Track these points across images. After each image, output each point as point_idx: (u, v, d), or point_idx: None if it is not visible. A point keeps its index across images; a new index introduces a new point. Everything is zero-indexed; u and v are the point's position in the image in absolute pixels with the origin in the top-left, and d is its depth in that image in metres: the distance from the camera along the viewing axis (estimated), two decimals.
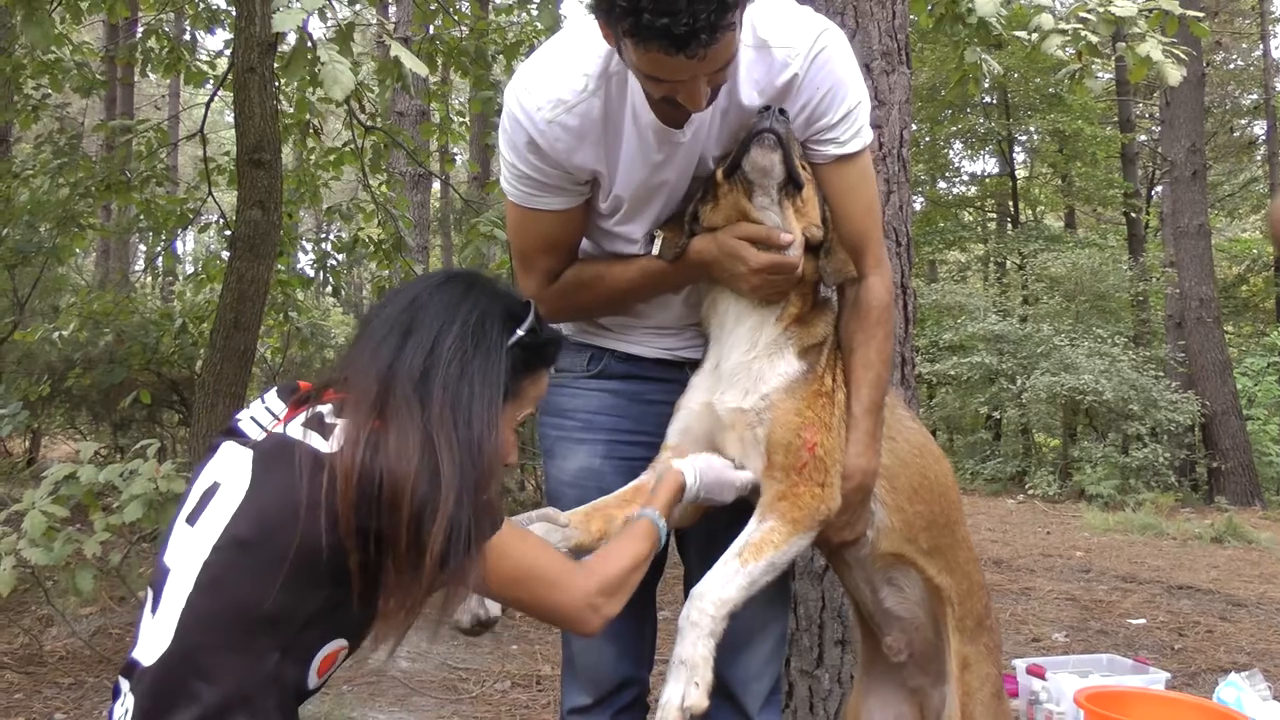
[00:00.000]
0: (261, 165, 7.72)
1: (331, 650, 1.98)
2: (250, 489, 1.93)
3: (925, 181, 27.39)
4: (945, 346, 20.80)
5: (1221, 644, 7.04)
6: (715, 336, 2.53)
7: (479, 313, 2.07)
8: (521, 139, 2.38)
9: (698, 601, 2.32)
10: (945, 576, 2.63)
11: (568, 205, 2.48)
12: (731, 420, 2.44)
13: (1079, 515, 14.91)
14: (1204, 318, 17.79)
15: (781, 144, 2.28)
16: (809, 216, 2.41)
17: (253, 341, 8.29)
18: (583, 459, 2.69)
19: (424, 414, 1.93)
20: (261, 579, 1.86)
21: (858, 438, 2.48)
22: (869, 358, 2.50)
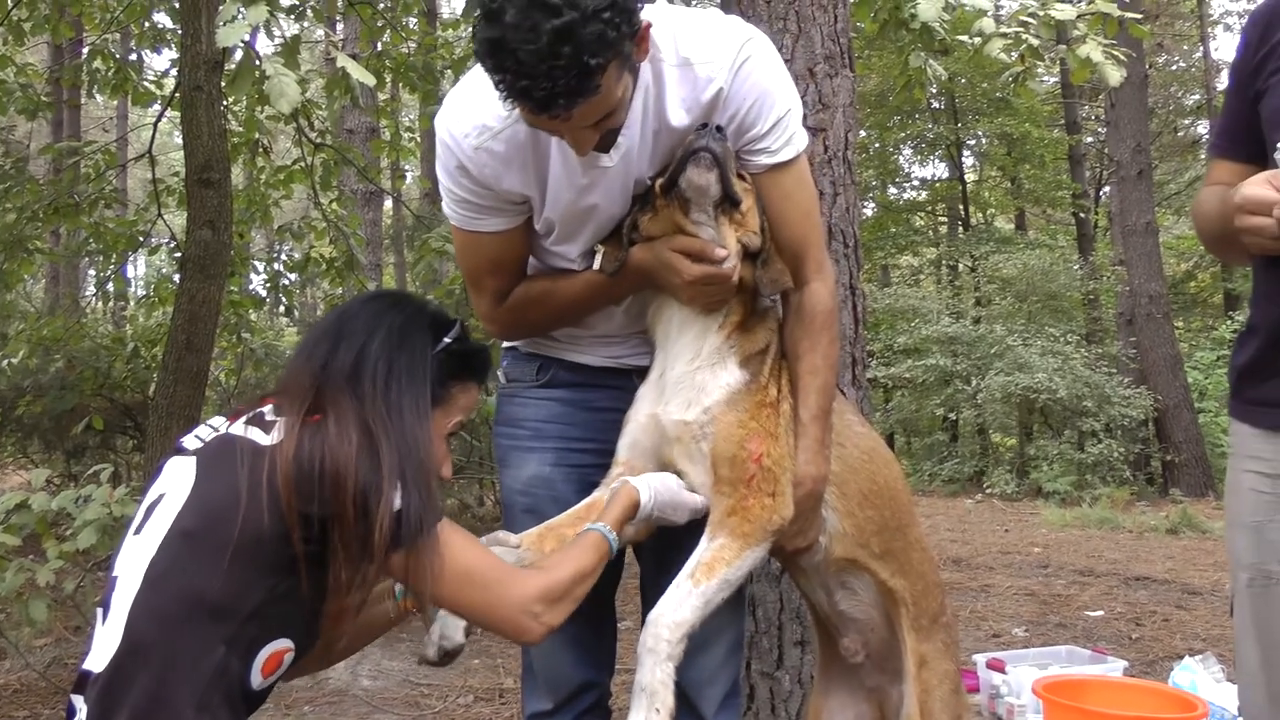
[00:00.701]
0: (210, 185, 7.66)
1: (277, 650, 1.99)
2: (195, 486, 1.97)
3: (876, 187, 27.55)
4: (900, 350, 20.89)
5: (1178, 631, 7.12)
6: (660, 344, 2.52)
7: (404, 319, 2.18)
8: (453, 165, 2.40)
9: (653, 628, 2.31)
10: (899, 579, 2.64)
11: (508, 226, 2.49)
12: (676, 433, 2.42)
13: (1036, 512, 15.02)
14: (1154, 314, 17.99)
15: (718, 162, 2.27)
16: (747, 226, 2.41)
17: (206, 363, 8.20)
18: (534, 467, 2.69)
19: (358, 405, 2.01)
20: (206, 565, 1.89)
21: (806, 445, 2.46)
22: (815, 364, 2.49)
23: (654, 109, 2.36)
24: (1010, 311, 21.90)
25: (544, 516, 2.63)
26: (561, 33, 1.95)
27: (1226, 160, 2.42)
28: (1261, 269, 2.31)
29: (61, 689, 5.62)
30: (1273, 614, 2.30)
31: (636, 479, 2.39)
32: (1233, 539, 2.42)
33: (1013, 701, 5.06)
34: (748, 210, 2.39)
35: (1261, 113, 2.26)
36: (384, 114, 10.75)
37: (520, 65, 1.98)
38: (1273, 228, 2.06)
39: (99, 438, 11.28)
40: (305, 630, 2.05)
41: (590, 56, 1.99)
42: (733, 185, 2.31)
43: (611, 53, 2.03)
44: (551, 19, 1.94)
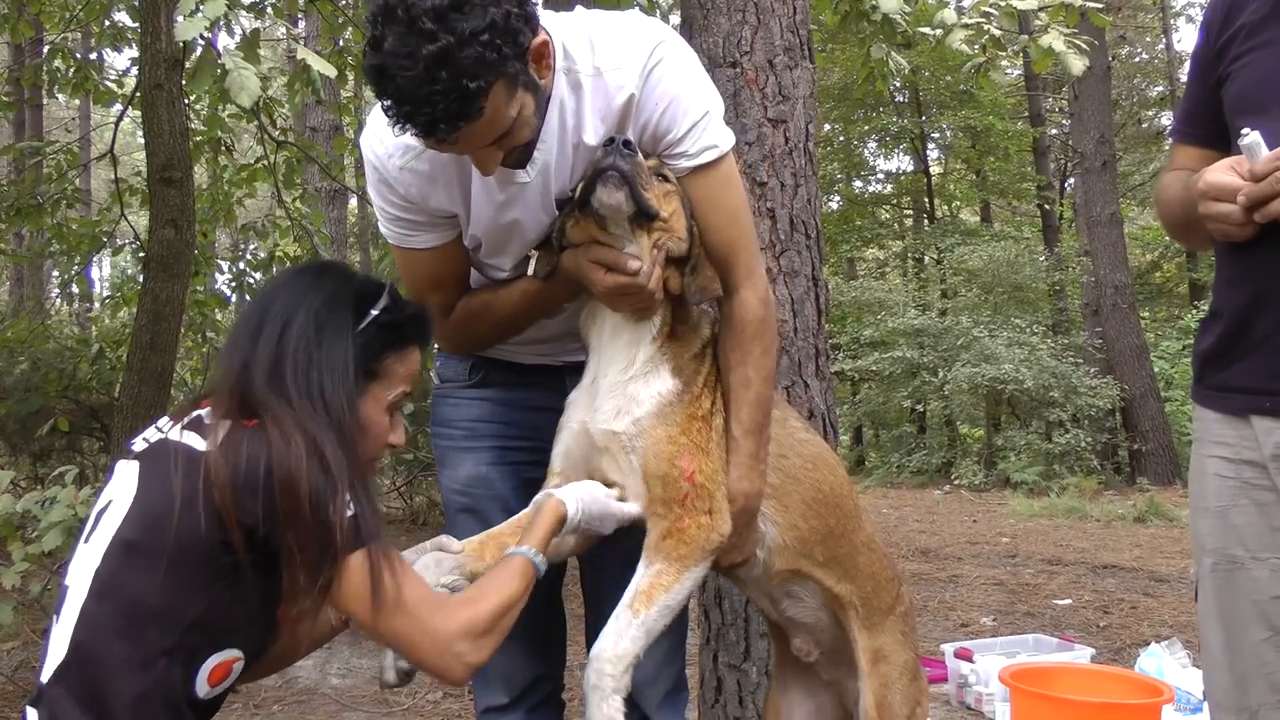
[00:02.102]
0: (173, 183, 7.61)
1: (223, 660, 1.98)
2: (136, 493, 1.95)
3: (841, 180, 27.62)
4: (866, 343, 20.98)
5: (1145, 619, 7.17)
6: (593, 349, 2.48)
7: (325, 297, 2.09)
8: (382, 184, 2.40)
9: (595, 664, 2.28)
10: (845, 584, 2.61)
11: (441, 241, 2.48)
12: (604, 443, 2.38)
13: (1005, 503, 15.10)
14: (1119, 304, 18.09)
15: (626, 180, 2.22)
16: (672, 231, 2.34)
17: (170, 363, 8.16)
18: (470, 467, 2.69)
19: (287, 406, 1.96)
20: (145, 575, 1.87)
21: (739, 460, 2.41)
22: (746, 376, 2.42)
23: (572, 123, 2.34)
24: (976, 303, 21.99)
25: (483, 515, 2.64)
26: (438, 58, 1.95)
27: (1189, 145, 2.43)
28: (1224, 255, 2.31)
29: (28, 692, 5.55)
30: (1236, 598, 2.31)
31: (562, 490, 2.33)
32: (1197, 524, 2.42)
33: (981, 690, 5.09)
34: (671, 215, 2.33)
35: (1224, 98, 2.27)
36: (346, 110, 10.70)
37: (401, 92, 1.99)
38: (1236, 214, 2.07)
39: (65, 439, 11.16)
40: (255, 638, 2.04)
41: (469, 80, 1.99)
42: (645, 199, 2.25)
43: (493, 75, 2.03)
44: (427, 44, 1.95)
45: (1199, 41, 2.38)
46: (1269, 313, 2.18)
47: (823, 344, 3.88)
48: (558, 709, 2.85)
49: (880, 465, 21.73)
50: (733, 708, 3.76)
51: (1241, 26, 2.23)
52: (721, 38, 3.80)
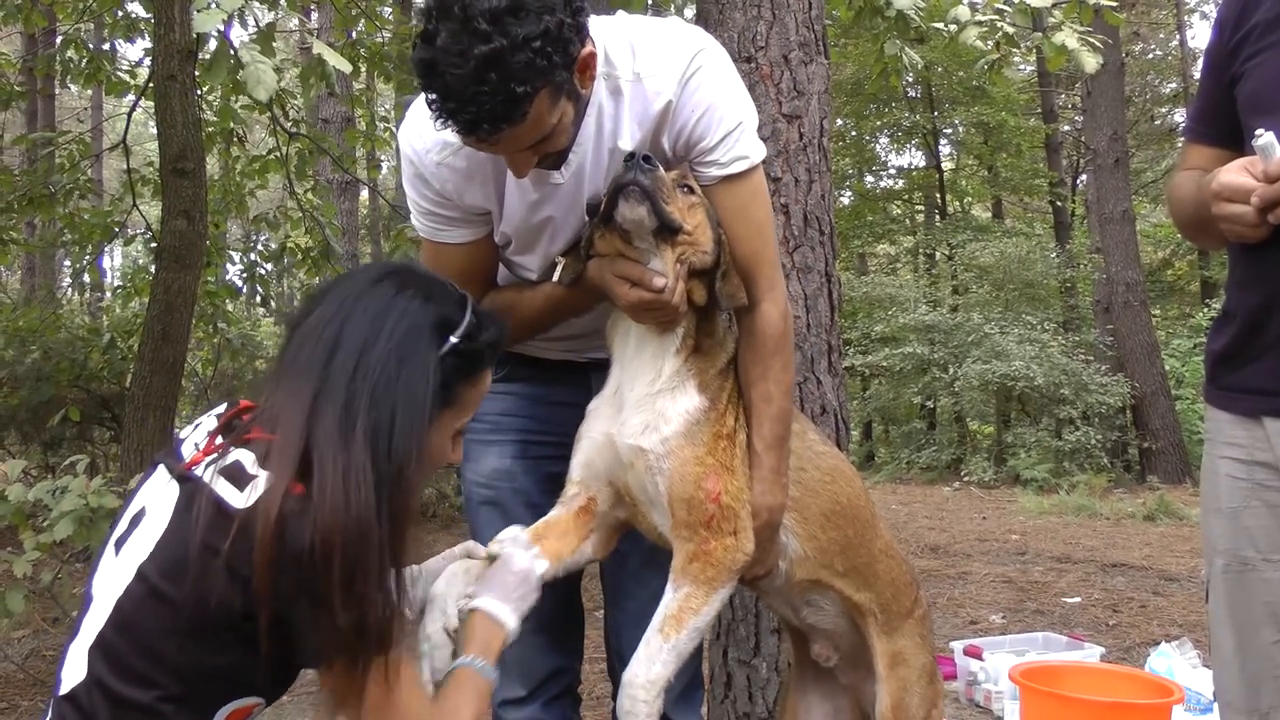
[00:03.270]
0: (185, 174, 7.64)
1: (242, 706, 1.92)
2: (167, 530, 1.85)
3: (853, 175, 27.58)
4: (877, 338, 20.94)
5: (1154, 618, 7.14)
6: (617, 359, 2.47)
7: (407, 324, 1.93)
8: (418, 179, 2.40)
9: (629, 690, 2.28)
10: (864, 592, 2.61)
11: (473, 237, 2.48)
12: (630, 459, 2.36)
13: (1014, 499, 15.07)
14: (1131, 301, 18.04)
15: (648, 195, 2.20)
16: (697, 244, 2.32)
17: (182, 353, 8.19)
18: (494, 460, 2.69)
19: (348, 454, 1.79)
20: (164, 623, 1.79)
21: (762, 475, 2.41)
22: (768, 391, 2.42)
23: (610, 128, 2.35)
24: (987, 299, 21.96)
25: (505, 508, 2.65)
26: (489, 59, 1.96)
27: (1202, 144, 2.42)
28: (1238, 255, 2.30)
29: (39, 680, 5.59)
30: (1248, 599, 2.31)
31: (483, 605, 2.19)
32: (1208, 525, 2.42)
33: (990, 688, 5.09)
34: (696, 227, 2.32)
35: (1237, 97, 2.26)
36: (358, 103, 10.71)
37: (448, 89, 2.00)
38: (1249, 215, 2.07)
39: (76, 429, 11.23)
40: (276, 688, 1.97)
41: (517, 84, 1.99)
42: (667, 213, 2.24)
43: (541, 81, 2.03)
44: (480, 45, 1.95)
45: (1212, 39, 2.37)
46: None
47: (835, 340, 3.87)
48: (574, 701, 2.86)
49: (890, 461, 21.73)
50: (742, 703, 3.76)
51: (1255, 25, 2.22)
52: (736, 33, 3.79)
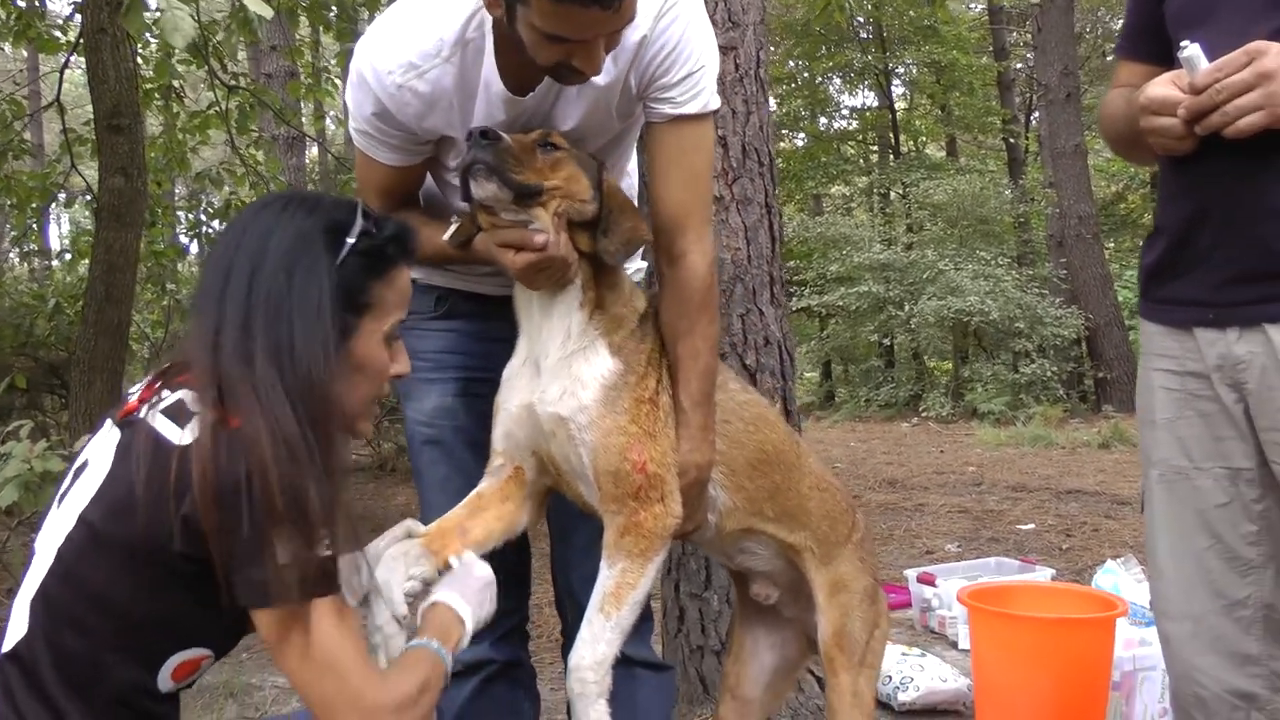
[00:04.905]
0: (121, 130, 7.52)
1: (190, 658, 1.89)
2: (109, 474, 1.81)
3: (806, 117, 27.56)
4: (833, 278, 20.98)
5: (1106, 540, 7.23)
6: (525, 324, 2.42)
7: (292, 237, 1.88)
8: (368, 99, 2.34)
9: (577, 674, 2.28)
10: (798, 533, 2.61)
11: (404, 163, 2.45)
12: (552, 427, 2.33)
13: (971, 433, 15.19)
14: (1084, 235, 18.17)
15: (494, 170, 2.18)
16: (572, 195, 2.29)
17: (127, 314, 8.09)
18: (435, 398, 2.66)
19: (253, 377, 1.76)
20: (107, 569, 1.76)
21: (690, 433, 2.39)
22: (695, 346, 2.40)
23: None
24: (941, 237, 22.02)
25: (448, 447, 2.63)
26: None
27: (1132, 61, 2.42)
28: (1167, 169, 2.31)
29: None
30: (1182, 508, 2.33)
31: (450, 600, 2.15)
32: (1144, 437, 2.44)
33: (944, 614, 5.14)
34: (567, 179, 2.28)
35: (1166, 12, 2.26)
36: (298, 54, 10.54)
37: None
38: (1177, 128, 2.07)
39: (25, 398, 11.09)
40: (226, 638, 1.94)
41: None
42: (517, 181, 2.20)
43: None
44: None
45: None
46: (1211, 225, 2.19)
47: (777, 271, 3.87)
48: (523, 640, 2.86)
49: (849, 400, 21.84)
50: (695, 636, 3.79)
51: None
52: None
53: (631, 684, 2.66)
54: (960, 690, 4.17)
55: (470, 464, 2.54)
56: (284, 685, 4.94)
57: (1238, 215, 2.13)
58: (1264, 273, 2.11)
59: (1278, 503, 2.23)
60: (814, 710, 3.73)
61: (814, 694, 3.73)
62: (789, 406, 3.82)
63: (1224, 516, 2.28)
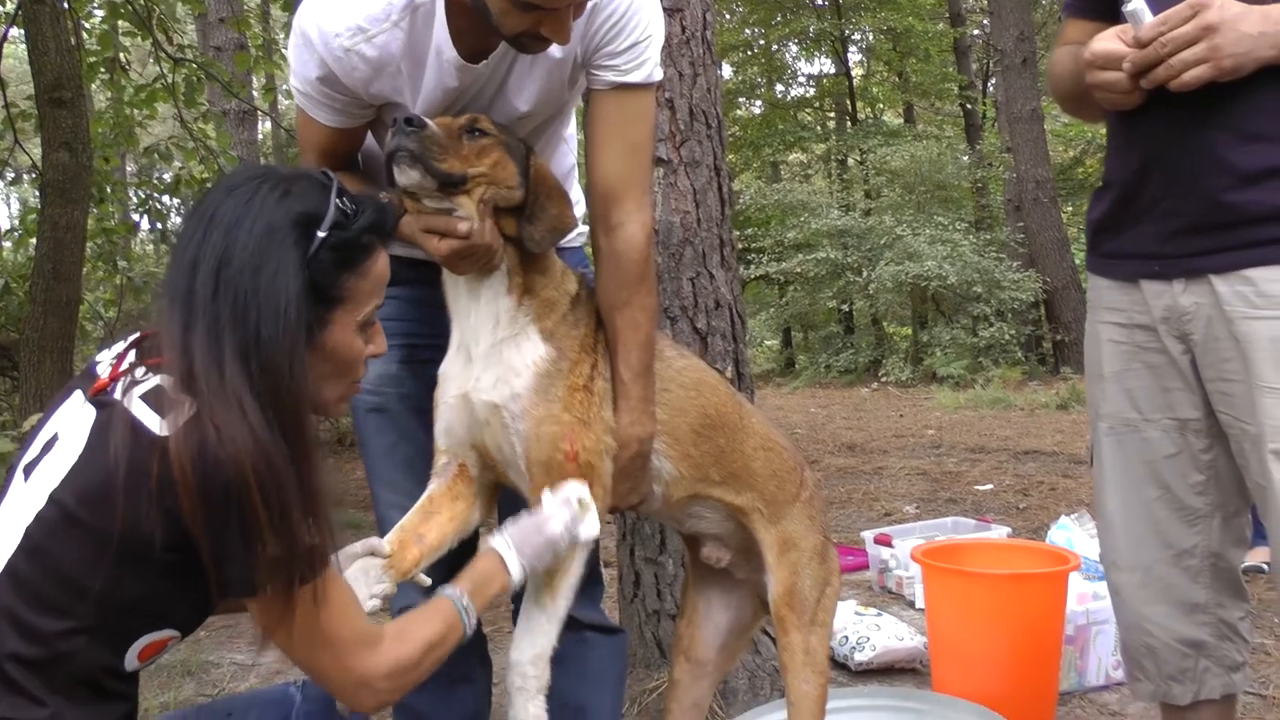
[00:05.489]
0: (63, 104, 7.39)
1: (157, 639, 1.85)
2: (83, 455, 1.76)
3: (763, 85, 27.56)
4: (791, 245, 21.04)
5: (1063, 499, 7.30)
6: (455, 315, 2.39)
7: (262, 229, 1.79)
8: (312, 61, 2.29)
9: (517, 668, 2.26)
10: (745, 494, 2.59)
11: (347, 125, 2.41)
12: (486, 416, 2.31)
13: (931, 397, 15.30)
14: (1041, 198, 18.29)
15: (418, 158, 2.15)
16: (497, 181, 2.26)
17: (76, 292, 7.97)
18: (380, 365, 2.60)
19: (223, 379, 1.70)
20: (79, 552, 1.72)
21: (630, 405, 2.37)
22: (635, 318, 2.37)
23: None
24: (899, 203, 22.14)
25: (392, 415, 2.60)
26: None
27: (1079, 19, 2.41)
28: (1114, 124, 2.32)
29: None
30: (1131, 459, 2.36)
31: (502, 550, 2.17)
32: (1093, 391, 2.46)
33: (901, 574, 5.16)
34: (493, 165, 2.26)
35: None
36: (245, 26, 10.41)
37: None
38: (1123, 82, 2.08)
39: None
40: (193, 619, 1.90)
41: None
42: (441, 169, 2.17)
43: None
44: None
45: None
46: (1156, 178, 2.19)
47: (727, 234, 3.85)
48: None
49: (809, 366, 21.96)
50: (651, 600, 3.78)
51: None
52: None
53: (582, 648, 2.66)
54: (916, 648, 4.19)
55: (416, 430, 2.52)
56: (242, 662, 4.92)
57: (1183, 168, 2.14)
58: (1209, 224, 2.12)
59: (1225, 452, 2.26)
60: (770, 671, 3.73)
61: (770, 655, 3.72)
62: (741, 369, 3.81)
63: (1172, 467, 2.30)
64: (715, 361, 3.69)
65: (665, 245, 3.69)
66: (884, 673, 4.19)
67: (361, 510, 7.94)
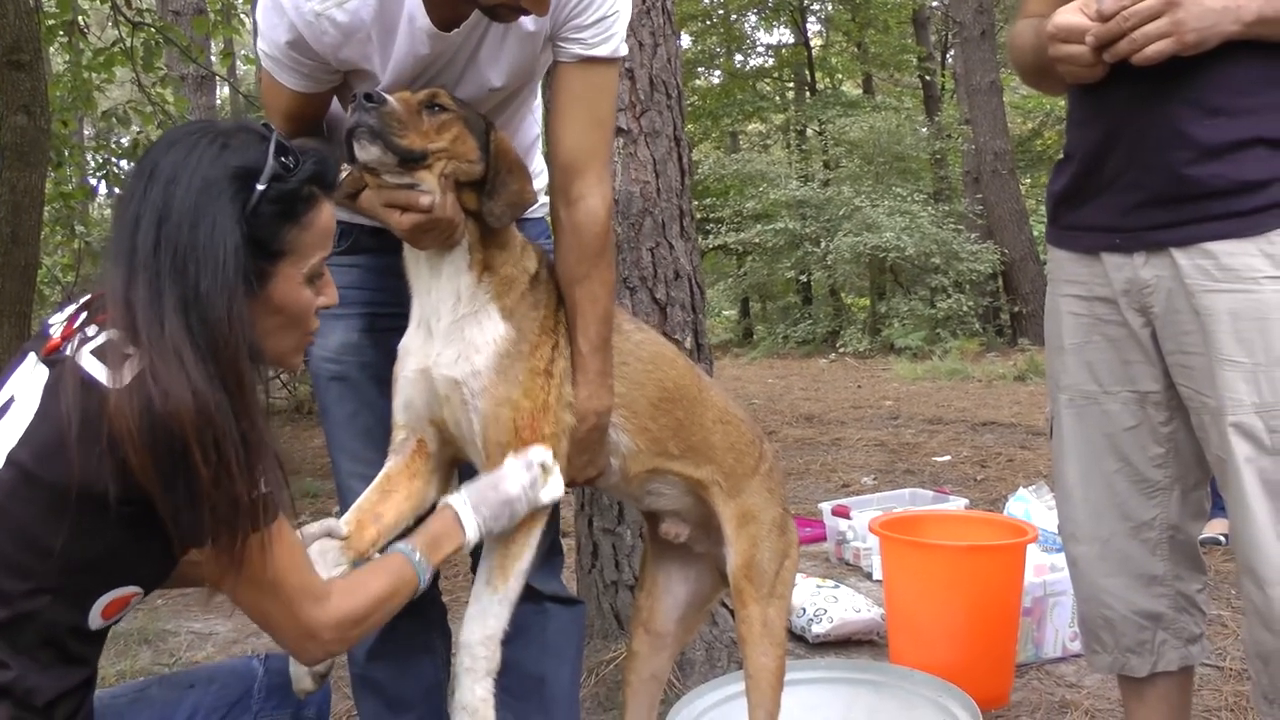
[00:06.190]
0: (22, 67, 7.30)
1: (119, 596, 1.85)
2: (37, 414, 1.75)
3: (721, 54, 27.50)
4: (750, 215, 21.06)
5: (1021, 470, 7.35)
6: (415, 285, 2.38)
7: (199, 183, 1.79)
8: (282, 25, 2.26)
9: (468, 650, 2.26)
10: (704, 468, 2.59)
11: (312, 90, 2.38)
12: (446, 392, 2.31)
13: (889, 368, 15.37)
14: (999, 170, 18.36)
15: (378, 135, 2.14)
16: (458, 155, 2.25)
17: (34, 256, 7.91)
18: (341, 334, 2.61)
19: (163, 333, 1.71)
20: (37, 509, 1.72)
21: (588, 379, 2.38)
22: (594, 291, 2.38)
23: None
24: (858, 173, 22.18)
25: (353, 383, 2.59)
26: None
27: None
28: (1076, 97, 2.32)
29: None
30: (1090, 432, 2.37)
31: (459, 506, 2.20)
32: (1053, 363, 2.47)
33: (859, 545, 5.19)
34: (453, 141, 2.25)
35: None
36: None
37: None
38: (1085, 55, 2.07)
39: None
40: (155, 574, 1.90)
41: None
42: (401, 145, 2.16)
43: None
44: None
45: None
46: (1118, 151, 2.20)
47: (686, 205, 3.84)
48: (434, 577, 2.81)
49: (767, 337, 22.01)
50: (609, 571, 3.78)
51: None
52: None
53: (542, 619, 2.67)
54: (874, 620, 4.21)
55: (377, 399, 2.51)
56: (199, 631, 4.90)
57: (1145, 141, 2.14)
58: (1170, 197, 2.13)
59: (1185, 425, 2.27)
60: (728, 643, 3.74)
61: (727, 626, 3.74)
62: (700, 340, 3.81)
63: (1132, 439, 2.32)
64: (674, 332, 3.69)
65: (625, 215, 3.68)
66: (841, 645, 4.21)
67: (319, 479, 7.93)
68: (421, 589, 2.08)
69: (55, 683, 1.78)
